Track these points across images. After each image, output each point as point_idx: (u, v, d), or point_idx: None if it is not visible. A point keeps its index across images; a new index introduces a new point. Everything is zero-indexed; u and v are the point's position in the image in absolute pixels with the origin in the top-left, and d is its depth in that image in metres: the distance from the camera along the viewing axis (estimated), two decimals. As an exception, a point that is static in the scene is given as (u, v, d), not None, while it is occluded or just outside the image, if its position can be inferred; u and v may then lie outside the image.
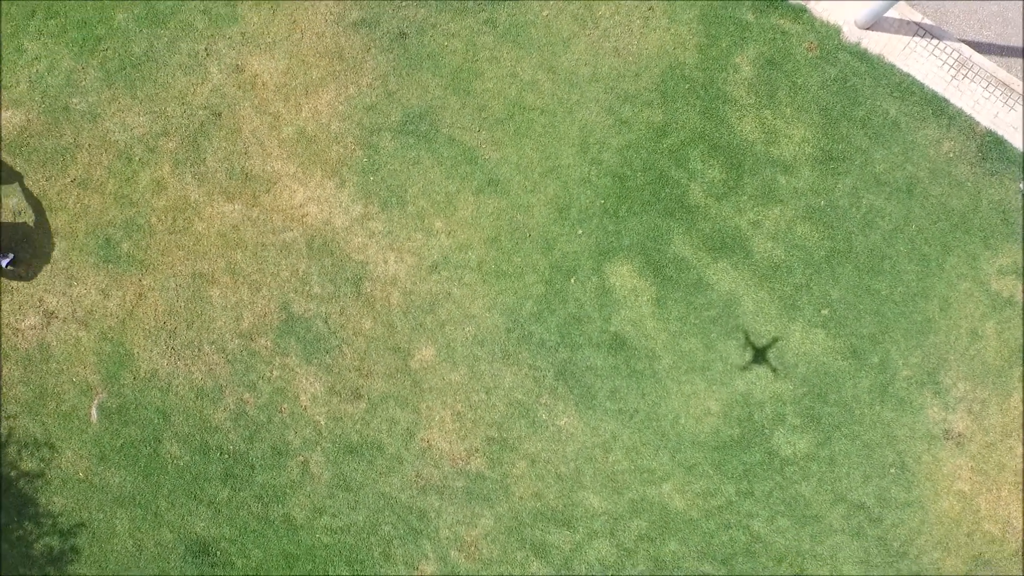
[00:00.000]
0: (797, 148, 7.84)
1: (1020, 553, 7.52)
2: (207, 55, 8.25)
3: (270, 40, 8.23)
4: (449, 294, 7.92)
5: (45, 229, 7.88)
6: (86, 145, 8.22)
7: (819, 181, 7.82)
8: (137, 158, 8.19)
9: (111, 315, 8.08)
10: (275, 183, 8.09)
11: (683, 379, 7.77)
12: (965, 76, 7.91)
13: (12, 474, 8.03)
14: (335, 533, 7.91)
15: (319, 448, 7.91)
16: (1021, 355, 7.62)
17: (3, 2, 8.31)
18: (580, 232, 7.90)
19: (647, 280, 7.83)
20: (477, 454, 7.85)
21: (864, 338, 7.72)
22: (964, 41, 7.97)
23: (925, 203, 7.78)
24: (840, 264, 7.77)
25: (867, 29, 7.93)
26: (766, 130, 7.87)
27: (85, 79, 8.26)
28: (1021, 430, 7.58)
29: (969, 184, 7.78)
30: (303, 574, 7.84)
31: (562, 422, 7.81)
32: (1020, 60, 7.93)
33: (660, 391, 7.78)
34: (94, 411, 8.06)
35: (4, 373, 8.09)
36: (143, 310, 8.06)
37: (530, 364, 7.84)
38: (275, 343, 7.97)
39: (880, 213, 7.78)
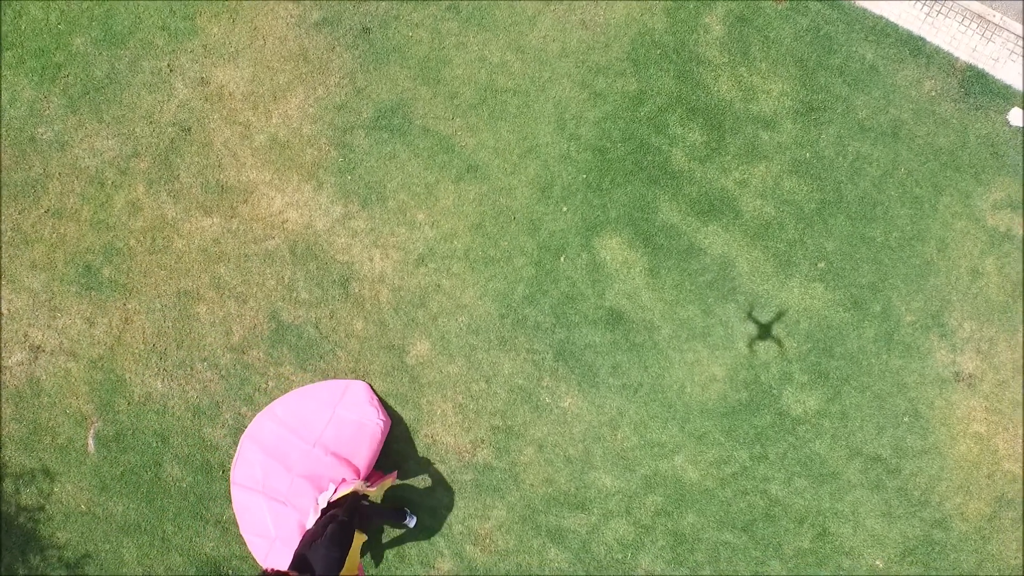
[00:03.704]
0: (776, 102, 7.71)
1: (1044, 489, 7.40)
2: (170, 71, 8.12)
3: (232, 50, 8.10)
4: (439, 286, 7.79)
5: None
6: (56, 174, 8.10)
7: (802, 133, 7.69)
8: (110, 182, 8.07)
9: (99, 343, 7.96)
10: (252, 192, 7.97)
11: (684, 347, 7.64)
12: (939, 12, 7.78)
13: (11, 511, 7.89)
14: (348, 540, 7.78)
15: (323, 455, 7.78)
16: (1023, 289, 7.49)
17: (-42, 38, 8.20)
18: (565, 209, 7.77)
19: (638, 251, 7.70)
20: (483, 445, 7.72)
21: (864, 287, 7.58)
22: (934, -23, 7.84)
23: (912, 145, 7.64)
24: (832, 215, 7.64)
25: (834, -25, 7.80)
26: (743, 88, 7.74)
27: (49, 108, 8.14)
28: (1032, 364, 7.46)
29: (955, 121, 7.64)
30: (319, 585, 7.70)
31: (566, 403, 7.68)
32: (992, -10, 7.79)
33: (662, 362, 7.65)
34: (91, 441, 7.94)
35: (-4, 412, 7.98)
36: (131, 334, 7.94)
37: (528, 348, 7.71)
38: (268, 353, 7.85)
39: (867, 159, 7.65)
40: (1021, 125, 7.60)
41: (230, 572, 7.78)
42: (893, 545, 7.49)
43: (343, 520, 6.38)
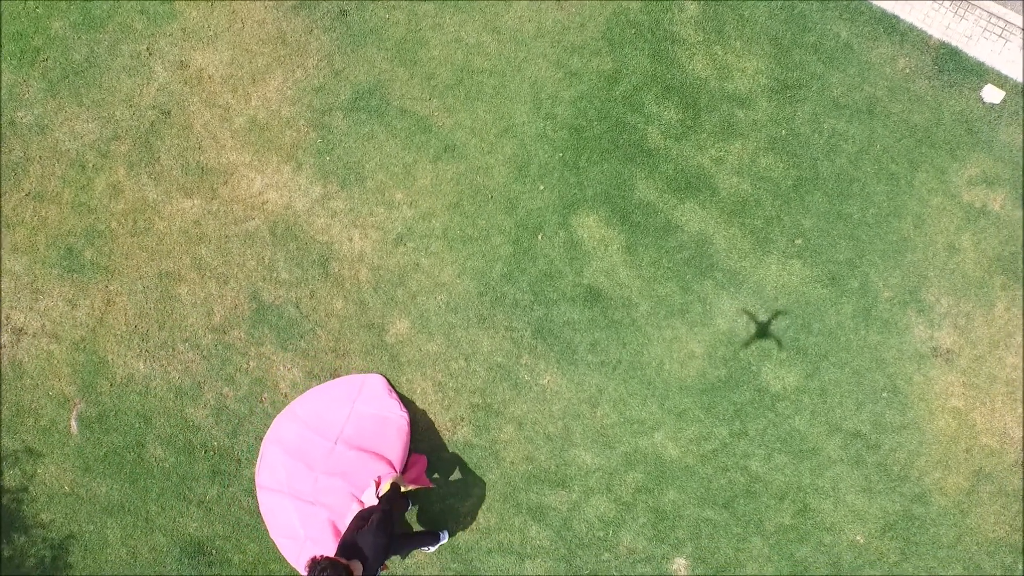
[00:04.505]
0: (751, 80, 7.75)
1: (1020, 463, 7.41)
2: (150, 55, 8.15)
3: (211, 33, 8.14)
4: (417, 265, 7.83)
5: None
6: (37, 157, 8.13)
7: (778, 111, 7.72)
8: (91, 165, 8.10)
9: (81, 324, 7.99)
10: (232, 174, 8.00)
11: (663, 324, 7.67)
12: (913, -10, 7.81)
13: (-6, 493, 7.94)
14: (329, 519, 7.80)
15: (304, 435, 7.81)
16: (998, 264, 7.52)
17: (-61, 24, 8.23)
18: (542, 188, 7.81)
19: (615, 228, 7.73)
20: (463, 423, 7.75)
21: (841, 264, 7.62)
22: (908, -45, 7.87)
23: (887, 122, 7.68)
24: (809, 192, 7.67)
25: (809, -47, 7.83)
26: (718, 66, 7.77)
27: (28, 91, 8.17)
28: (1007, 340, 7.48)
29: (929, 98, 7.68)
30: (301, 563, 7.73)
31: (545, 381, 7.71)
32: (966, -33, 7.82)
33: (641, 339, 7.68)
34: (74, 423, 7.96)
35: (-21, 395, 7.99)
36: (113, 316, 7.97)
37: (506, 326, 7.74)
38: (248, 334, 7.88)
39: (843, 136, 7.69)
40: (995, 102, 7.64)
41: (213, 552, 7.81)
42: (873, 520, 7.52)
43: (386, 510, 6.45)
